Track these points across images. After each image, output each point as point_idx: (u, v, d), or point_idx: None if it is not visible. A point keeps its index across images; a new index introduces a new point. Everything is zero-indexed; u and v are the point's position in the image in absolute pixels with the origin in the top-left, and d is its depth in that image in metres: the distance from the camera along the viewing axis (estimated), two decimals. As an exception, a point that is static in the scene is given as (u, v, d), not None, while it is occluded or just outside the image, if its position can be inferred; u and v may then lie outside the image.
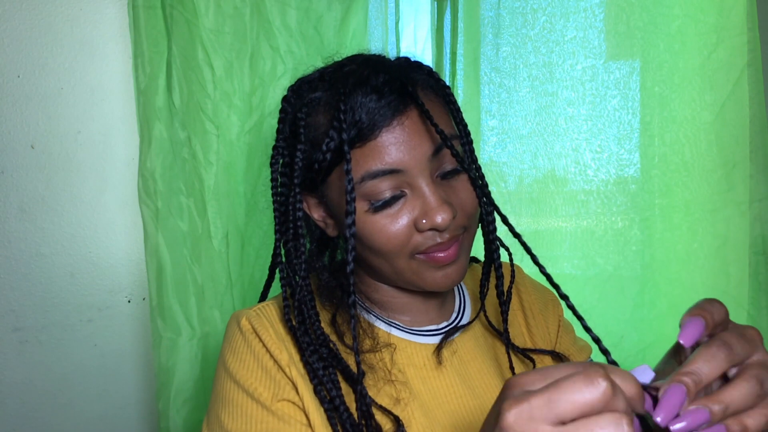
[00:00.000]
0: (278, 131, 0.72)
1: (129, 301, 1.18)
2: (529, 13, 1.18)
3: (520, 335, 0.81)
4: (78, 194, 1.14)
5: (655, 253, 1.17)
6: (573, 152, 1.18)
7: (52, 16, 1.11)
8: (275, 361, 0.66)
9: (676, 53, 1.13)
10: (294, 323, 0.67)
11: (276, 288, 0.82)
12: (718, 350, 0.42)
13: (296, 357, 0.67)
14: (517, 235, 0.62)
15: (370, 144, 0.63)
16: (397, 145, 0.63)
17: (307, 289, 0.69)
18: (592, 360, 0.86)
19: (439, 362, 0.71)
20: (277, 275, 0.73)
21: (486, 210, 0.71)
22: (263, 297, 0.82)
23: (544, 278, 0.62)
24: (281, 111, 0.72)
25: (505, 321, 0.74)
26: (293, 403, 0.65)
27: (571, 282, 1.20)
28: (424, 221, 0.64)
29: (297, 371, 0.66)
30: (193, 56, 1.06)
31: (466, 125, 0.70)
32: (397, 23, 1.23)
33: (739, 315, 1.13)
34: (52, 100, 1.11)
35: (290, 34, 1.11)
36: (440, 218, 0.63)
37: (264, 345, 0.67)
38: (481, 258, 0.81)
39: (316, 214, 0.73)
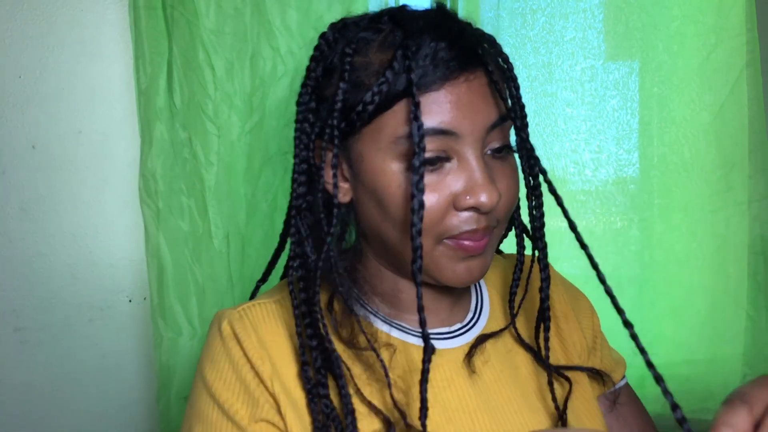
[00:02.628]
0: (309, 69, 0.64)
1: (130, 301, 1.18)
2: (529, 14, 1.18)
3: (551, 345, 0.70)
4: (79, 194, 1.14)
5: (654, 253, 1.17)
6: (572, 152, 1.19)
7: (54, 17, 1.11)
8: (256, 373, 0.59)
9: (675, 54, 1.13)
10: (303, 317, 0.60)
11: (272, 282, 0.81)
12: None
13: (281, 368, 0.60)
14: (581, 242, 0.56)
15: (429, 95, 0.55)
16: (458, 105, 0.55)
17: (331, 259, 0.59)
18: (626, 377, 0.78)
19: (459, 370, 0.63)
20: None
21: (537, 202, 0.64)
22: (265, 274, 0.77)
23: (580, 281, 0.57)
24: (316, 49, 0.64)
25: (546, 339, 0.65)
26: (273, 424, 0.58)
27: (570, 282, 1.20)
28: (468, 197, 0.56)
29: (280, 386, 0.59)
30: (194, 57, 1.06)
31: (524, 106, 0.64)
32: (397, 24, 1.23)
33: (738, 315, 1.13)
34: (53, 101, 1.12)
35: (291, 35, 1.11)
36: (485, 197, 0.55)
37: (245, 353, 0.60)
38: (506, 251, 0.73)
39: (327, 175, 0.63)
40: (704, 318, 1.15)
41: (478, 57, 0.57)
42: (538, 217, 0.65)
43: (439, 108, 0.55)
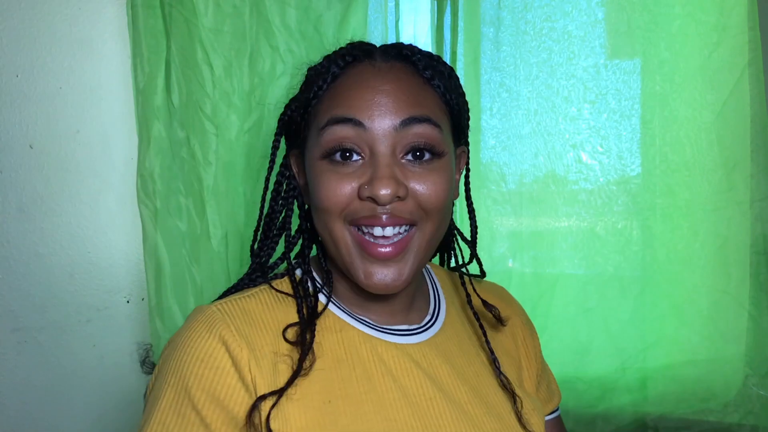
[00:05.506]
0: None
1: (128, 302, 1.17)
2: (530, 12, 1.18)
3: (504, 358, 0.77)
4: (77, 194, 1.13)
5: (656, 253, 1.17)
6: (574, 152, 1.18)
7: (51, 16, 1.11)
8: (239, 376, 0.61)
9: (677, 52, 1.13)
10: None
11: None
12: None
13: (259, 347, 0.63)
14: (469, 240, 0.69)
15: (344, 81, 0.65)
16: (369, 98, 0.63)
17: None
18: (558, 410, 0.86)
19: (417, 363, 0.68)
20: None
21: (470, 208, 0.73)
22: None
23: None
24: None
25: (485, 334, 0.74)
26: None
27: (571, 282, 1.20)
28: (366, 187, 0.62)
29: (257, 367, 0.61)
30: (192, 55, 1.05)
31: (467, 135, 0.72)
32: (396, 22, 1.23)
33: (740, 315, 1.12)
34: (51, 100, 1.11)
35: (290, 34, 1.10)
36: (383, 191, 0.61)
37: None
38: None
39: (302, 180, 0.73)
40: (706, 318, 1.14)
41: (404, 59, 0.67)
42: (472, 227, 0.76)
43: (347, 100, 0.64)
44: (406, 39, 1.27)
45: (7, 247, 1.10)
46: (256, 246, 0.75)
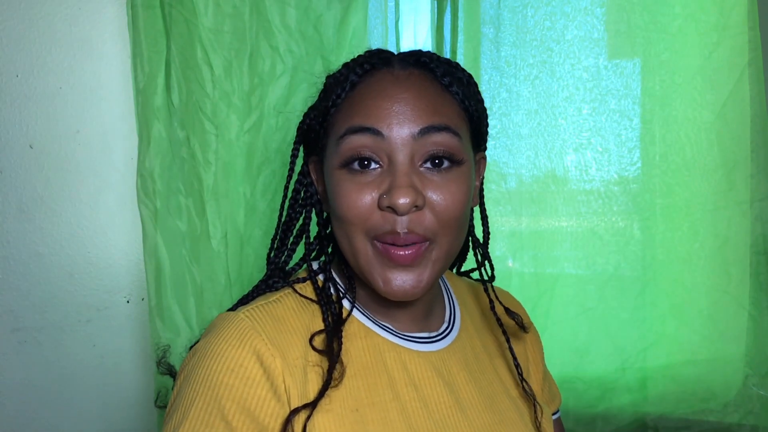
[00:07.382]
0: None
1: (128, 302, 1.17)
2: (530, 12, 1.18)
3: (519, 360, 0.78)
4: (77, 194, 1.13)
5: (656, 253, 1.17)
6: (574, 152, 1.18)
7: (51, 16, 1.11)
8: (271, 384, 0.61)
9: (676, 52, 1.13)
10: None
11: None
12: None
13: (292, 355, 0.62)
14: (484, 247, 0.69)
15: (362, 89, 0.65)
16: (387, 107, 0.63)
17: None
18: (559, 412, 0.87)
19: (438, 371, 0.69)
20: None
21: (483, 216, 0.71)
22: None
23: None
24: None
25: (509, 345, 0.74)
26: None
27: (571, 282, 1.20)
28: (385, 196, 0.61)
29: (291, 376, 0.61)
30: (192, 55, 1.05)
31: (481, 125, 0.70)
32: (396, 22, 1.23)
33: (740, 315, 1.12)
34: (51, 100, 1.11)
35: (290, 34, 1.10)
36: (402, 200, 0.60)
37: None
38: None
39: (321, 187, 0.72)
40: (706, 318, 1.14)
41: (422, 66, 0.66)
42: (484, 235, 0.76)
43: (366, 109, 0.64)
44: (406, 39, 1.27)
45: (7, 247, 1.10)
46: (272, 254, 0.74)
